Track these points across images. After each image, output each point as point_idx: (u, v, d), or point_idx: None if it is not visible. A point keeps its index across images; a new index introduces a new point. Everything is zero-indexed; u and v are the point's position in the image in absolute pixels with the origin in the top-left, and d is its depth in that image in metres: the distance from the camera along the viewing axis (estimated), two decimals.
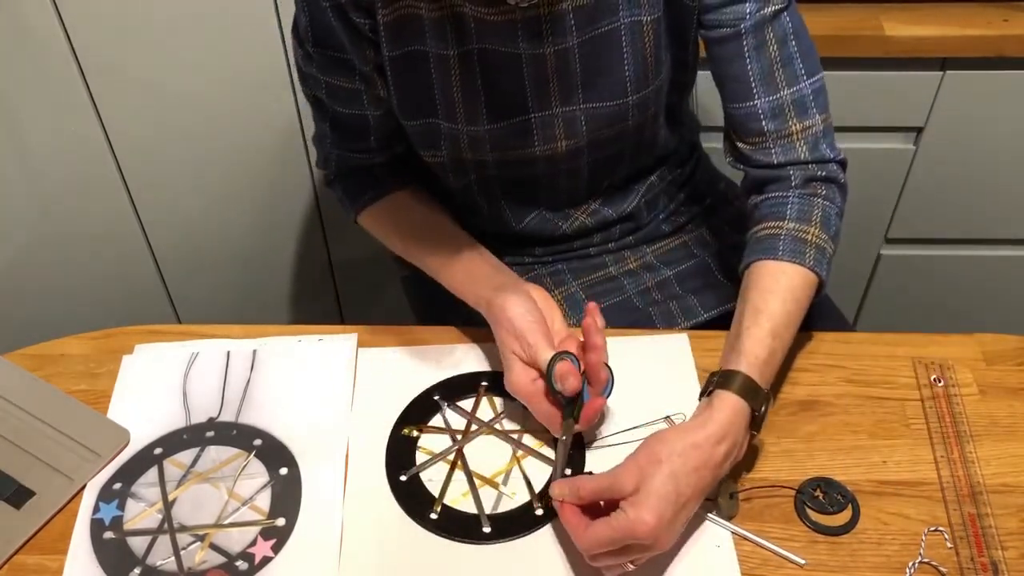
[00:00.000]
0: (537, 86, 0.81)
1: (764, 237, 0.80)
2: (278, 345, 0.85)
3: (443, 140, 0.84)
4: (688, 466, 0.66)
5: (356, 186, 0.93)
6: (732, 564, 0.69)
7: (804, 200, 0.81)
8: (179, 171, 1.34)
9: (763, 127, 0.81)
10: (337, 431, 0.78)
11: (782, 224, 0.80)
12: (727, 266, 0.98)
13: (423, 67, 0.80)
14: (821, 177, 0.82)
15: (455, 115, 0.82)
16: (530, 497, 0.73)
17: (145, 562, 0.70)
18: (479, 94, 0.81)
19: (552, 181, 0.90)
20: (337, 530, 0.71)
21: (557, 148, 0.85)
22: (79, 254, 1.41)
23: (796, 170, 0.81)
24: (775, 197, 0.82)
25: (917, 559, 0.69)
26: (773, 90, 0.80)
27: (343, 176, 0.94)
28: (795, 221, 0.80)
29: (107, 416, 0.80)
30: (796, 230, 0.79)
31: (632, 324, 0.91)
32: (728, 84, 0.82)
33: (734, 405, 0.70)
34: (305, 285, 1.52)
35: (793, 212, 0.80)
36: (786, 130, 0.80)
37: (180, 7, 1.17)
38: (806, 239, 0.79)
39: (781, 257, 0.78)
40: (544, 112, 0.82)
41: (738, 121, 0.82)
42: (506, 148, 0.85)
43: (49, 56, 1.19)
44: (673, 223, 1.01)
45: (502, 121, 0.82)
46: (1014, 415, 0.78)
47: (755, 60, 0.79)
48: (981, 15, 1.17)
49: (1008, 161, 1.30)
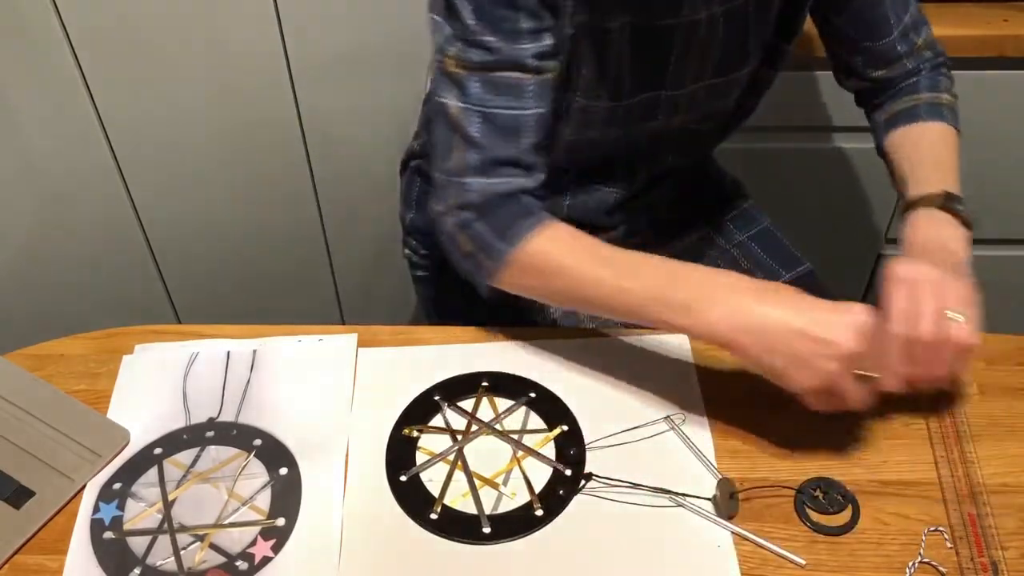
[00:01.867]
0: (679, 63, 0.82)
1: (903, 110, 0.89)
2: (278, 345, 0.85)
3: (570, 116, 0.83)
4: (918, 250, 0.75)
5: (505, 217, 0.76)
6: (732, 564, 0.69)
7: (931, 77, 0.90)
8: (179, 171, 1.34)
9: (900, 51, 0.89)
10: (337, 431, 0.78)
11: (918, 96, 0.89)
12: (733, 263, 0.98)
13: (586, 43, 0.78)
14: (942, 62, 0.92)
15: (599, 91, 0.81)
16: (530, 497, 0.73)
17: (145, 562, 0.70)
18: (626, 70, 0.81)
19: (631, 155, 0.91)
20: (337, 530, 0.71)
21: (672, 122, 0.87)
22: (79, 254, 1.41)
23: (924, 63, 0.91)
24: (909, 84, 0.90)
25: (917, 559, 0.69)
26: (899, 20, 0.88)
27: (487, 211, 0.76)
28: (928, 92, 0.89)
29: (107, 416, 0.80)
30: (931, 99, 0.89)
31: (639, 324, 0.91)
32: (868, 25, 0.88)
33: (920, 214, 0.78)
34: (305, 285, 1.52)
35: (925, 85, 0.90)
36: (914, 46, 0.89)
37: (180, 7, 1.17)
38: (941, 103, 0.88)
39: (925, 119, 0.87)
40: (677, 91, 0.84)
41: (878, 54, 0.89)
42: (631, 123, 0.86)
43: (49, 56, 1.19)
44: (679, 222, 1.01)
45: (637, 95, 0.83)
46: (1014, 415, 0.78)
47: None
48: (981, 15, 1.17)
49: (1008, 161, 1.29)
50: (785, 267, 0.97)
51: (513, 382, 0.81)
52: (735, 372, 0.82)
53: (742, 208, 1.03)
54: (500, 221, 0.76)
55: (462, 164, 0.76)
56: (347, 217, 1.42)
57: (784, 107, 1.26)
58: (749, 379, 0.81)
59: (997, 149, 1.28)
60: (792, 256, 0.99)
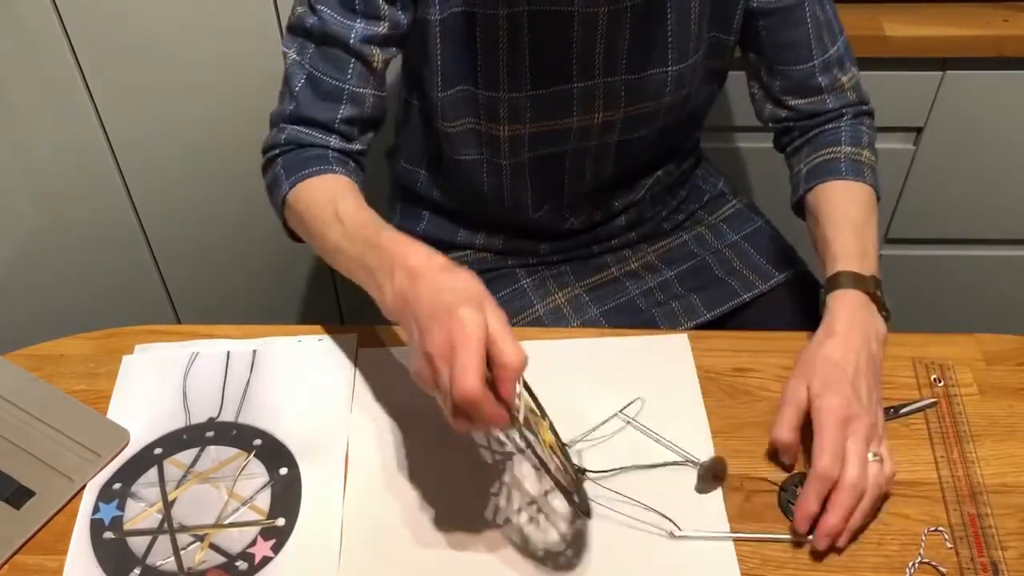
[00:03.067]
0: (584, 52, 0.81)
1: (824, 162, 0.87)
2: (278, 345, 0.85)
3: (480, 110, 0.84)
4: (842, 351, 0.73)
5: (300, 162, 0.81)
6: (732, 564, 0.69)
7: (854, 127, 0.89)
8: (179, 171, 1.34)
9: (819, 83, 0.88)
10: (337, 431, 0.78)
11: (839, 149, 0.87)
12: (727, 265, 0.98)
13: (469, 29, 0.79)
14: (865, 111, 0.91)
15: (497, 82, 0.82)
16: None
17: (145, 562, 0.70)
18: (525, 58, 0.81)
19: (579, 162, 0.90)
20: (337, 530, 0.71)
21: (594, 120, 0.86)
22: (79, 254, 1.41)
23: (846, 109, 0.90)
24: (829, 129, 0.89)
25: (917, 559, 0.69)
26: (823, 50, 0.87)
27: (288, 152, 0.83)
28: (850, 146, 0.87)
29: (107, 416, 0.80)
30: (852, 153, 0.87)
31: (636, 326, 0.91)
32: (786, 50, 0.87)
33: (846, 296, 0.76)
34: (305, 285, 1.52)
35: (847, 138, 0.88)
36: (837, 82, 0.89)
37: (180, 7, 1.17)
38: (862, 161, 0.87)
39: (846, 176, 0.85)
40: (587, 82, 0.83)
41: (796, 82, 0.88)
42: (544, 118, 0.85)
43: (49, 56, 1.19)
44: (672, 221, 1.01)
45: (544, 88, 0.83)
46: (1014, 415, 0.78)
47: (812, 23, 0.85)
48: (981, 15, 1.17)
49: (1008, 161, 1.30)
50: (779, 267, 0.97)
51: None
52: (735, 372, 0.82)
53: (736, 208, 1.03)
54: (293, 163, 0.81)
55: (283, 113, 0.83)
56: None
57: None
58: (750, 379, 0.81)
59: (997, 149, 1.28)
60: (787, 256, 0.99)
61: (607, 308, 0.98)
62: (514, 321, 0.97)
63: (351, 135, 0.83)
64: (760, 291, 0.95)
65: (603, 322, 0.95)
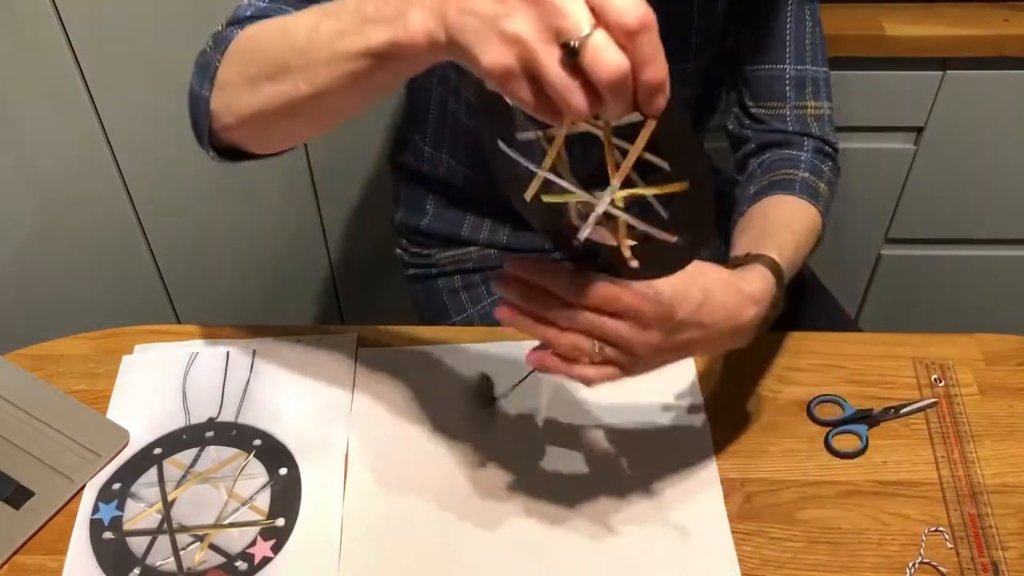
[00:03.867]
0: None
1: (779, 181, 0.81)
2: (278, 346, 0.85)
3: None
4: (719, 300, 0.61)
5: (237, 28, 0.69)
6: (732, 564, 0.69)
7: (815, 162, 0.84)
8: (179, 171, 1.34)
9: (785, 92, 0.83)
10: (337, 431, 0.78)
11: (796, 172, 0.81)
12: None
13: None
14: (828, 153, 0.85)
15: None
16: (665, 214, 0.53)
17: (144, 562, 0.70)
18: None
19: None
20: (337, 530, 0.71)
21: None
22: (79, 254, 1.41)
23: (808, 140, 0.84)
24: (788, 154, 0.84)
25: (917, 559, 0.69)
26: (801, 61, 0.82)
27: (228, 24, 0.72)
28: (808, 173, 0.82)
29: (107, 416, 0.80)
30: (810, 179, 0.81)
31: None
32: (761, 41, 0.82)
33: (767, 278, 0.67)
34: (305, 285, 1.52)
35: (807, 166, 0.82)
36: (802, 103, 0.83)
37: (180, 7, 1.17)
38: (818, 189, 0.81)
39: (798, 194, 0.79)
40: None
41: (761, 82, 0.83)
42: None
43: (49, 56, 1.19)
44: None
45: None
46: (1014, 415, 0.78)
47: (795, 25, 0.81)
48: (981, 15, 1.17)
49: (1008, 161, 1.29)
50: None
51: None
52: (735, 372, 0.82)
53: None
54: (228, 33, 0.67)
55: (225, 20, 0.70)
56: (347, 217, 1.42)
57: None
58: (750, 378, 0.81)
59: (997, 149, 1.28)
60: None
61: None
62: None
63: None
64: None
65: None
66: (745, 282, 0.66)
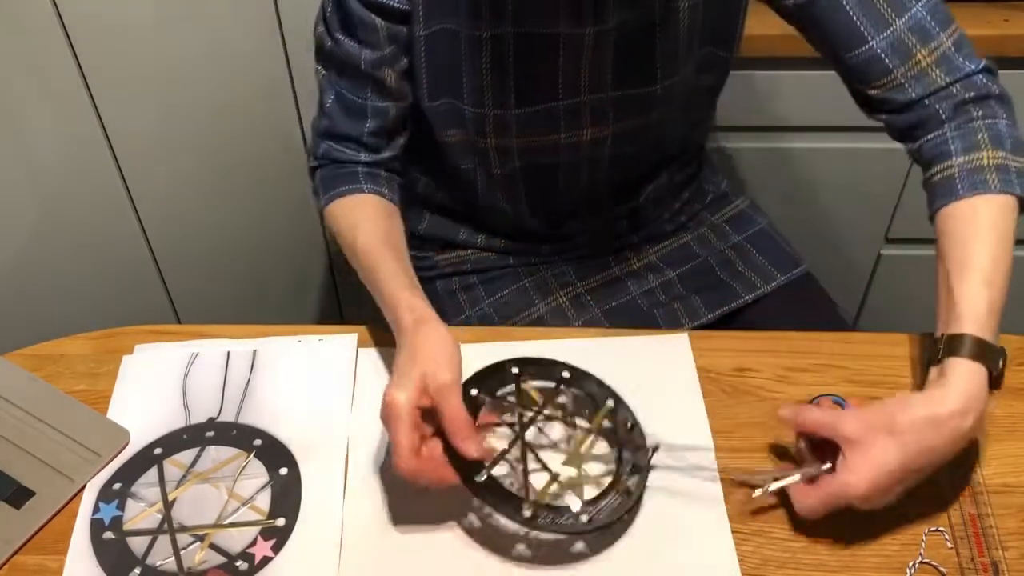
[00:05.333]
0: (570, 71, 0.80)
1: (939, 181, 0.76)
2: (278, 345, 0.85)
3: (467, 123, 0.84)
4: (921, 444, 0.64)
5: (334, 178, 0.87)
6: (732, 564, 0.69)
7: (963, 129, 0.76)
8: (179, 171, 1.34)
9: (888, 65, 0.77)
10: (337, 431, 0.78)
11: (951, 162, 0.75)
12: (729, 265, 0.98)
13: (454, 47, 0.79)
14: (970, 99, 0.76)
15: (482, 99, 0.82)
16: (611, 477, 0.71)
17: (145, 562, 0.70)
18: (509, 77, 0.80)
19: (573, 173, 0.90)
20: (337, 530, 0.71)
21: (582, 136, 0.85)
22: (79, 254, 1.41)
23: (940, 101, 0.77)
24: (932, 139, 0.77)
25: (917, 559, 0.69)
26: (884, 25, 0.76)
27: (325, 166, 0.89)
28: (963, 155, 0.75)
29: (107, 416, 0.80)
30: (968, 162, 0.74)
31: (637, 325, 0.91)
32: (833, 38, 0.78)
33: (971, 371, 0.66)
34: (305, 285, 1.52)
35: (958, 147, 0.75)
36: (913, 61, 0.76)
37: (180, 7, 1.17)
38: (982, 166, 0.73)
39: (963, 195, 0.73)
40: (573, 99, 0.82)
41: (859, 69, 0.78)
42: (531, 134, 0.85)
43: (49, 56, 1.19)
44: (675, 222, 1.01)
45: (530, 106, 0.82)
46: (1014, 415, 0.78)
47: (854, 3, 0.76)
48: (981, 15, 1.17)
49: None
50: (781, 270, 0.97)
51: (541, 364, 0.77)
52: (736, 372, 0.82)
53: (739, 209, 1.03)
54: (328, 177, 0.87)
55: (319, 128, 0.87)
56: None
57: (784, 107, 1.26)
58: (751, 379, 0.81)
59: None
60: (789, 258, 0.98)
61: (609, 308, 0.98)
62: (515, 320, 0.97)
63: (379, 146, 0.87)
64: (762, 292, 0.95)
65: (604, 322, 0.95)
66: (945, 402, 0.65)
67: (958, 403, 0.65)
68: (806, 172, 1.34)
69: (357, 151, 0.87)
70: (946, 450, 0.65)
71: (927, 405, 0.65)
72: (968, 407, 0.65)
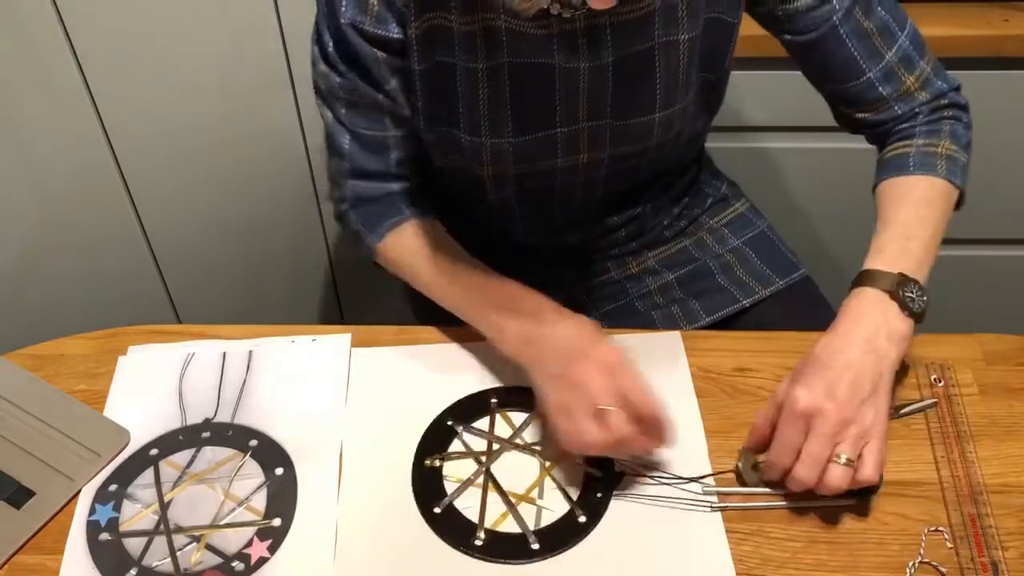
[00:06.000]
0: (567, 100, 0.80)
1: (892, 157, 0.82)
2: (274, 346, 0.85)
3: (463, 151, 0.83)
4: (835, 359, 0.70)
5: (374, 214, 0.86)
6: (729, 566, 0.68)
7: (931, 125, 0.83)
8: (179, 171, 1.34)
9: (881, 93, 0.83)
10: (332, 431, 0.78)
11: (911, 143, 0.82)
12: (728, 269, 0.98)
13: (450, 79, 0.78)
14: (944, 104, 0.84)
15: (479, 128, 0.81)
16: (569, 506, 0.73)
17: (141, 563, 0.70)
18: (506, 107, 0.80)
19: (568, 193, 0.90)
20: (332, 530, 0.71)
21: (579, 160, 0.84)
22: (79, 254, 1.41)
23: (921, 106, 0.84)
24: (903, 128, 0.84)
25: (917, 559, 0.69)
26: (879, 58, 0.82)
27: (357, 206, 0.87)
28: (923, 138, 0.82)
29: None
30: (925, 145, 0.81)
31: (635, 328, 0.91)
32: (834, 70, 0.83)
33: (862, 294, 0.73)
34: (305, 285, 1.52)
35: (921, 132, 0.83)
36: (902, 87, 0.83)
37: (180, 7, 1.17)
38: (935, 152, 0.81)
39: (913, 171, 0.80)
40: (571, 127, 0.81)
41: (853, 96, 0.84)
42: (528, 161, 0.84)
43: (49, 56, 1.19)
44: (675, 228, 1.01)
45: (527, 135, 0.81)
46: (1014, 415, 0.78)
47: (855, 41, 0.81)
48: (981, 15, 1.17)
49: (1008, 161, 1.29)
50: (780, 274, 0.97)
51: (522, 393, 0.80)
52: (735, 372, 0.82)
53: (738, 212, 1.03)
54: (368, 217, 0.86)
55: (340, 170, 0.85)
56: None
57: (783, 107, 1.25)
58: (750, 379, 0.81)
59: (997, 149, 1.28)
60: (788, 263, 0.98)
61: (606, 310, 0.98)
62: None
63: (407, 174, 0.86)
64: (760, 297, 0.95)
65: (602, 324, 0.95)
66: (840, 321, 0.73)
67: (845, 321, 0.72)
68: (805, 172, 1.34)
69: (387, 182, 0.86)
70: (855, 354, 0.70)
71: (825, 334, 0.72)
72: (858, 318, 0.72)
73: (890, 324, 0.72)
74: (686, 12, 0.77)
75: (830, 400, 0.68)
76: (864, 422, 0.68)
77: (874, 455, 0.68)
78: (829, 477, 0.67)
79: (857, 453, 0.67)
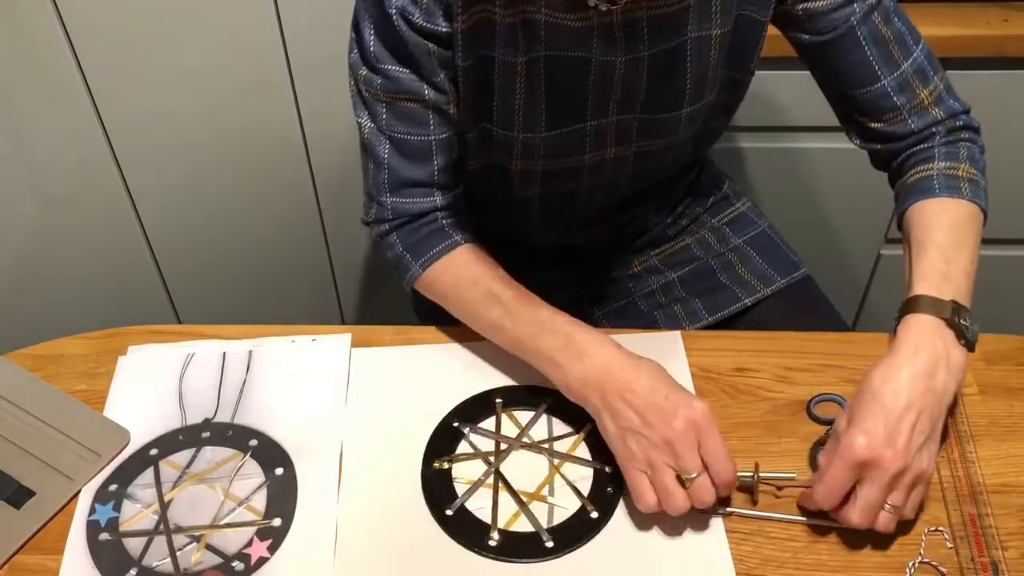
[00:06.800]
0: (600, 93, 0.80)
1: (917, 180, 0.82)
2: (274, 346, 0.85)
3: (494, 146, 0.83)
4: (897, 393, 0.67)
5: (419, 240, 0.83)
6: (728, 567, 0.68)
7: (950, 147, 0.83)
8: (179, 171, 1.34)
9: (895, 102, 0.83)
10: (332, 431, 0.78)
11: (932, 166, 0.82)
12: (729, 268, 0.98)
13: (489, 74, 0.78)
14: (959, 126, 0.84)
15: (512, 122, 0.81)
16: (581, 503, 0.73)
17: (141, 563, 0.70)
18: (541, 101, 0.79)
19: (590, 192, 0.90)
20: (332, 530, 0.71)
21: (605, 155, 0.84)
22: (79, 254, 1.42)
23: (937, 125, 0.84)
24: (920, 150, 0.84)
25: (917, 559, 0.69)
26: (895, 67, 0.81)
27: (400, 227, 0.83)
28: (944, 161, 0.82)
29: None
30: (947, 168, 0.81)
31: (637, 328, 0.91)
32: (848, 74, 0.83)
33: (918, 320, 0.71)
34: (305, 285, 1.52)
35: (942, 154, 0.83)
36: (916, 99, 0.83)
37: (180, 7, 1.17)
38: (958, 175, 0.81)
39: (939, 194, 0.79)
40: (600, 120, 0.81)
41: (867, 103, 0.83)
42: (557, 155, 0.84)
43: (49, 56, 1.19)
44: (677, 226, 1.01)
45: (558, 128, 0.81)
46: (1014, 415, 0.78)
47: (872, 45, 0.81)
48: (981, 15, 1.17)
49: (1008, 161, 1.29)
50: (781, 273, 0.97)
51: (527, 393, 0.80)
52: (736, 372, 0.82)
53: (740, 211, 1.03)
54: (412, 239, 0.83)
55: (379, 184, 0.82)
56: (347, 217, 1.42)
57: (784, 107, 1.25)
58: (750, 379, 0.81)
59: (997, 149, 1.27)
60: (789, 262, 0.98)
61: (609, 310, 0.98)
62: None
63: (451, 183, 0.83)
64: (762, 296, 0.95)
65: (604, 324, 0.95)
66: (896, 351, 0.70)
67: (903, 352, 0.69)
68: (806, 172, 1.34)
69: (431, 194, 0.82)
70: (920, 384, 0.68)
71: (883, 364, 0.69)
72: (917, 349, 0.69)
73: (949, 354, 0.70)
74: (719, 7, 0.77)
75: (889, 447, 0.65)
76: (918, 469, 0.67)
77: (917, 499, 0.68)
78: (878, 524, 0.66)
79: (906, 500, 0.67)
